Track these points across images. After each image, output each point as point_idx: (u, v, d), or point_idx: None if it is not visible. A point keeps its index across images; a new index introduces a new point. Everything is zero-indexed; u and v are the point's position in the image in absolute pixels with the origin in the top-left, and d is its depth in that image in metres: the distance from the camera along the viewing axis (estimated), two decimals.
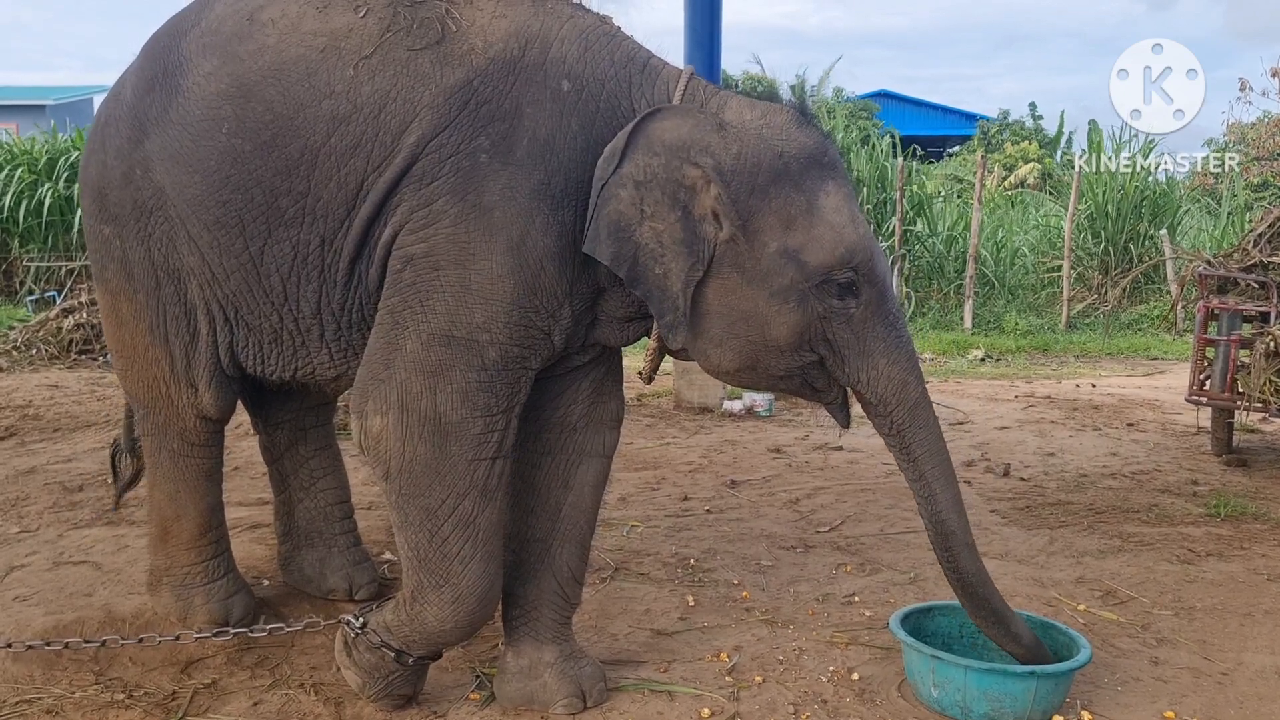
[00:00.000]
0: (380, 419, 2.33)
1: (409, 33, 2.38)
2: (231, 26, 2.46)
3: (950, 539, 2.44)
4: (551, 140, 2.33)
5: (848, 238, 2.35)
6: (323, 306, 2.47)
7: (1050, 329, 11.59)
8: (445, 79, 2.34)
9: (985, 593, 2.48)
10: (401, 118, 2.33)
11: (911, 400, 2.43)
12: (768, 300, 2.33)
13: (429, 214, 2.31)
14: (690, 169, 2.31)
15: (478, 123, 2.31)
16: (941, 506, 2.43)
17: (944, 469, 2.45)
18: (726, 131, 2.35)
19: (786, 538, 4.04)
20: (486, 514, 2.38)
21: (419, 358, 2.30)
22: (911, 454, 2.44)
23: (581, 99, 2.38)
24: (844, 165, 2.52)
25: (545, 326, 2.37)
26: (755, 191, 2.33)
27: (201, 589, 2.86)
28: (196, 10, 2.58)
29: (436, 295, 2.30)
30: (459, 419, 2.31)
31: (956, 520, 2.43)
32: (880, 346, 2.40)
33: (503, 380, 2.35)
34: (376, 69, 2.35)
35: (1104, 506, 4.52)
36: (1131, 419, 6.59)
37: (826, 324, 2.37)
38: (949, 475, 2.45)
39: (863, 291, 2.37)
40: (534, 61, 2.38)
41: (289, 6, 2.44)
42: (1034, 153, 24.05)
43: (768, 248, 2.32)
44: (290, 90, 2.36)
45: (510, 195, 2.29)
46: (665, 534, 4.05)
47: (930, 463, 2.44)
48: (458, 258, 2.29)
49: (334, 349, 2.52)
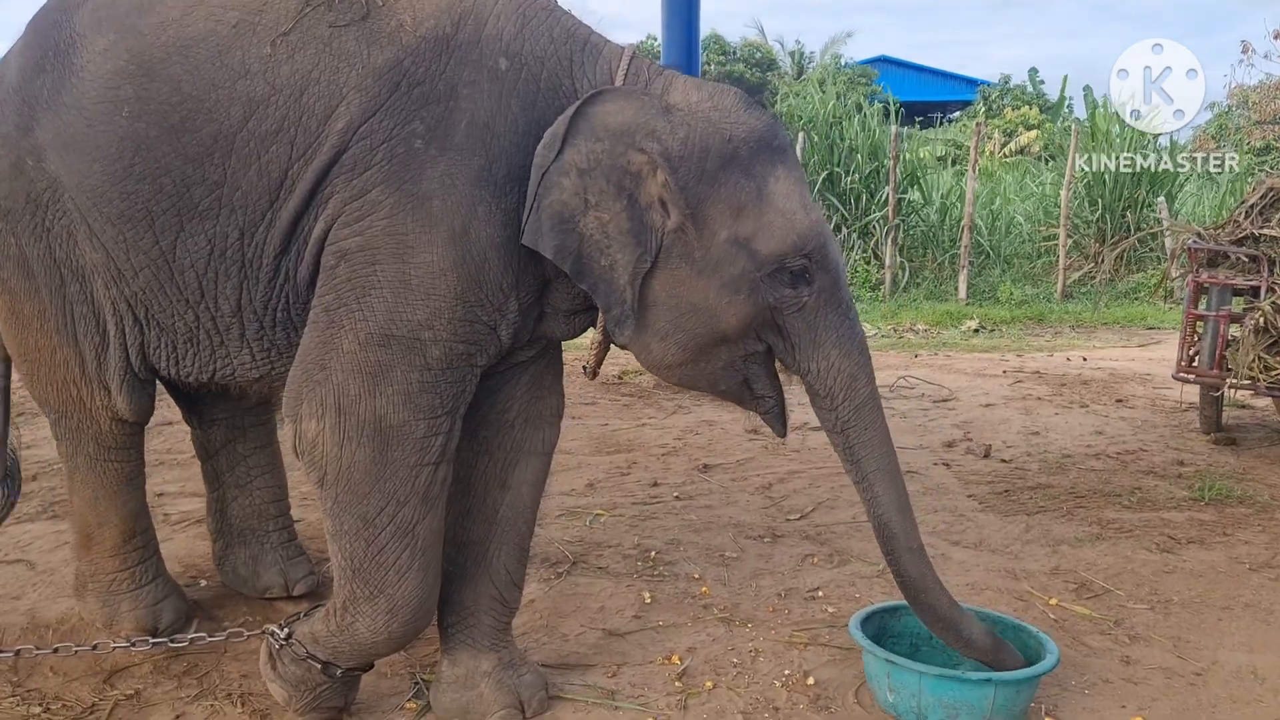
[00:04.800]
0: (316, 423, 2.20)
1: (330, 7, 2.22)
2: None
3: (892, 542, 2.32)
4: (491, 123, 2.19)
5: (799, 224, 2.21)
6: (244, 304, 2.32)
7: (1046, 299, 11.43)
8: (373, 58, 2.18)
9: (930, 598, 2.35)
10: (326, 101, 2.18)
11: (859, 397, 2.30)
12: (718, 291, 2.20)
13: (363, 205, 2.16)
14: (636, 155, 2.17)
15: (410, 106, 2.17)
16: (883, 508, 2.31)
17: (888, 469, 2.32)
18: (673, 115, 2.20)
19: (754, 526, 3.92)
20: (427, 521, 2.26)
21: (357, 358, 2.17)
22: (854, 453, 2.32)
23: (521, 78, 2.23)
24: (793, 148, 2.38)
25: (491, 321, 2.24)
26: (704, 178, 2.19)
27: (128, 595, 2.74)
28: None
29: (374, 292, 2.16)
30: (400, 422, 2.19)
31: (899, 523, 2.31)
32: (832, 337, 2.27)
33: (447, 380, 2.21)
34: (296, 47, 2.20)
35: (1085, 490, 4.39)
36: (1121, 395, 6.45)
37: (778, 313, 2.24)
38: (893, 475, 2.33)
39: (816, 279, 2.24)
40: (468, 39, 2.22)
41: None
42: (1034, 118, 23.78)
43: (717, 236, 2.19)
44: (199, 68, 2.20)
45: (449, 183, 2.15)
46: (630, 523, 3.93)
47: (873, 463, 2.31)
48: (396, 251, 2.15)
49: (256, 349, 2.38)
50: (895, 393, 6.42)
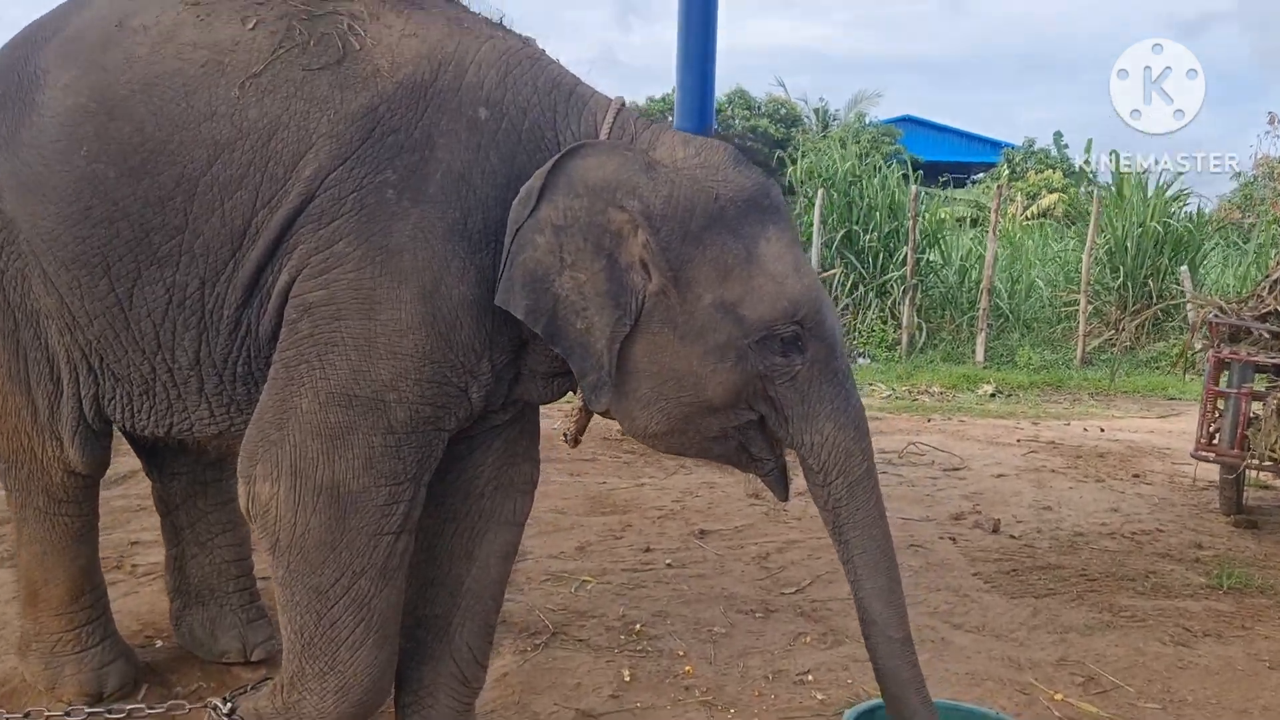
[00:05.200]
0: (270, 486, 2.07)
1: (305, 50, 2.12)
2: (96, 34, 2.19)
3: (870, 628, 2.15)
4: (468, 174, 2.07)
5: (791, 289, 2.08)
6: (203, 357, 2.20)
7: (1065, 365, 11.24)
8: (346, 104, 2.08)
9: (900, 692, 2.16)
10: (295, 147, 2.07)
11: (854, 475, 2.14)
12: (702, 358, 2.06)
13: (329, 257, 2.05)
14: (616, 213, 2.05)
15: (383, 154, 2.06)
16: (866, 594, 2.15)
17: (876, 555, 2.15)
18: (656, 171, 2.08)
19: (747, 599, 3.75)
20: (384, 595, 2.12)
21: (316, 419, 2.04)
22: (843, 533, 2.16)
23: (501, 129, 2.12)
24: (787, 208, 2.25)
25: (461, 383, 2.11)
26: (688, 238, 2.06)
27: (72, 658, 2.59)
28: (59, 17, 2.31)
29: (337, 349, 2.04)
30: (360, 488, 2.05)
31: (882, 611, 2.14)
32: (827, 409, 2.12)
33: (411, 445, 2.08)
34: (266, 89, 2.09)
35: (1097, 572, 4.19)
36: (1138, 469, 6.25)
37: (768, 382, 2.10)
38: (882, 560, 2.16)
39: (809, 347, 2.10)
40: (448, 86, 2.12)
41: (165, 14, 2.17)
42: (1058, 181, 23.70)
43: (702, 300, 2.06)
44: (164, 109, 2.10)
45: (421, 237, 2.03)
46: (617, 592, 3.76)
47: (861, 547, 2.15)
48: (361, 307, 2.03)
49: (215, 404, 2.25)
50: (904, 459, 6.24)
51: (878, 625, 2.14)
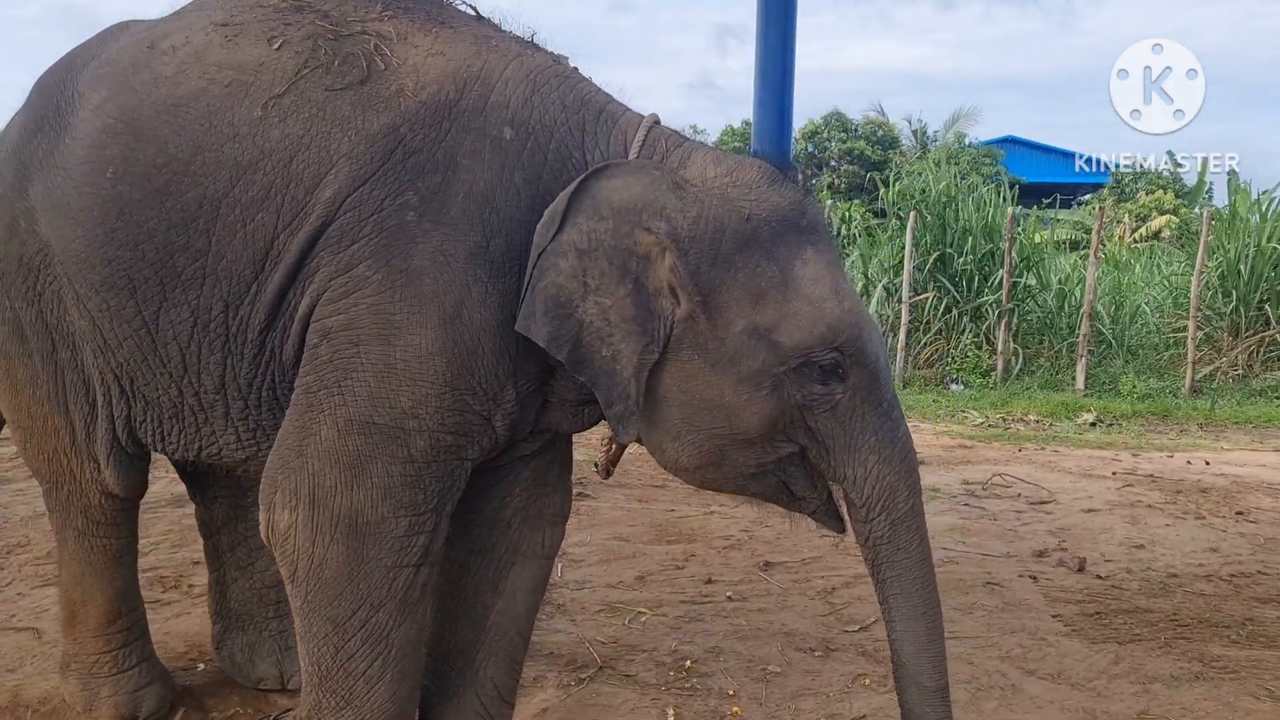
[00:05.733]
0: (289, 514, 2.03)
1: (329, 70, 2.09)
2: (130, 57, 2.20)
3: (901, 673, 2.03)
4: (491, 196, 2.02)
5: (829, 313, 1.97)
6: (228, 381, 2.18)
7: (1171, 393, 10.72)
8: (368, 124, 2.04)
9: None
10: (316, 168, 2.04)
11: (898, 512, 2.02)
12: (735, 387, 1.97)
13: (349, 281, 2.01)
14: (643, 235, 1.97)
15: (405, 175, 2.01)
16: (899, 637, 2.03)
17: (915, 599, 2.02)
18: (685, 191, 2.00)
19: (807, 636, 3.60)
20: (404, 629, 2.06)
21: (335, 446, 2.00)
22: (881, 574, 2.03)
23: (526, 149, 2.06)
24: (827, 228, 2.13)
25: (485, 411, 2.04)
26: (718, 261, 1.97)
27: (109, 680, 2.60)
28: (98, 42, 2.34)
29: (356, 375, 2.00)
30: (379, 518, 2.00)
31: (914, 656, 2.01)
32: (871, 441, 2.01)
33: (432, 474, 2.02)
34: (289, 110, 2.07)
35: (1189, 618, 3.92)
36: (1243, 506, 5.87)
37: (807, 413, 1.99)
38: (920, 607, 2.03)
39: (850, 375, 1.99)
40: (473, 106, 2.07)
41: (194, 34, 2.17)
42: (1169, 203, 22.84)
43: (733, 326, 1.96)
44: (187, 129, 2.09)
45: (443, 260, 1.98)
46: (671, 625, 3.66)
47: (899, 588, 2.02)
48: (381, 332, 1.99)
49: (241, 429, 2.23)
50: (988, 491, 5.99)
51: (909, 671, 2.02)
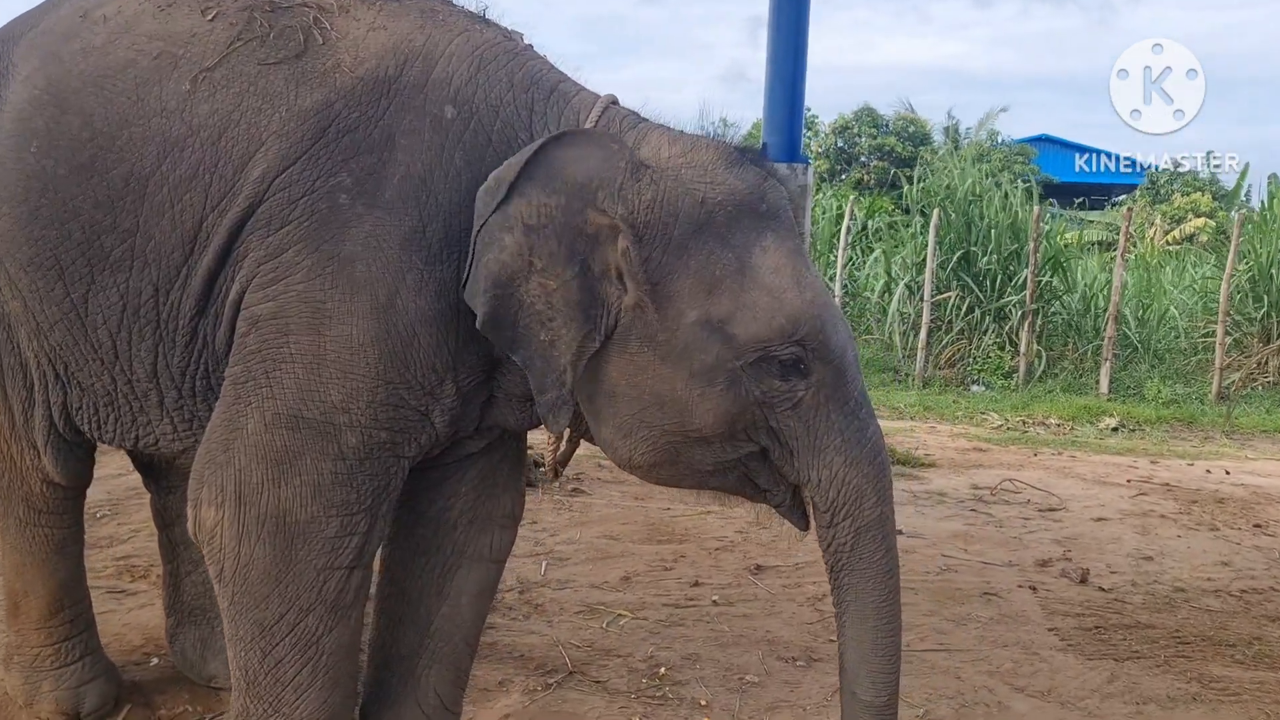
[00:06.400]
0: (215, 511, 1.94)
1: (264, 43, 1.99)
2: (64, 26, 2.11)
3: (843, 678, 1.93)
4: (428, 178, 1.92)
5: (789, 304, 1.86)
6: (160, 370, 2.09)
7: (1198, 399, 10.48)
8: (300, 100, 1.94)
9: None
10: (245, 145, 1.94)
11: (863, 520, 1.90)
12: (687, 382, 1.86)
13: (277, 266, 1.91)
14: (596, 215, 1.86)
15: (338, 155, 1.91)
16: (844, 643, 1.92)
17: (868, 611, 1.90)
18: (641, 172, 1.89)
19: (790, 645, 3.48)
20: (335, 634, 1.96)
21: (261, 441, 1.91)
22: (839, 580, 1.92)
23: (469, 129, 1.96)
24: (790, 214, 2.01)
25: (422, 406, 1.95)
26: (670, 247, 1.86)
27: (51, 674, 2.53)
28: (40, 12, 2.24)
29: (284, 366, 1.90)
30: (308, 518, 1.91)
31: (854, 665, 1.91)
32: (836, 441, 1.89)
33: (365, 472, 1.93)
34: (219, 84, 1.97)
35: (1192, 634, 3.76)
36: (1260, 518, 5.68)
37: (768, 411, 1.88)
38: (878, 620, 1.91)
39: (813, 370, 1.88)
40: (413, 82, 1.97)
41: (127, 4, 2.07)
42: (1206, 205, 22.41)
43: (685, 317, 1.85)
44: (114, 102, 1.99)
45: (376, 245, 1.88)
46: (651, 629, 3.55)
47: (854, 597, 1.90)
48: (311, 321, 1.89)
49: (177, 420, 2.14)
50: (997, 497, 5.83)
51: (848, 679, 1.92)
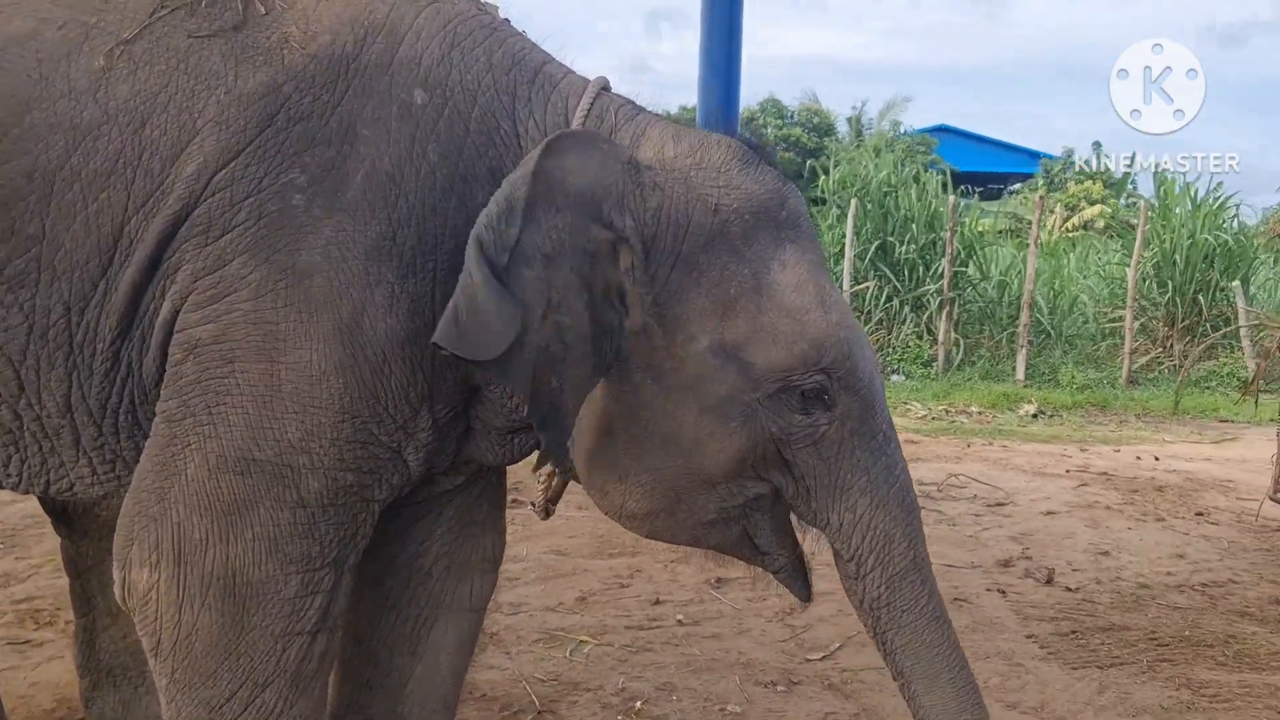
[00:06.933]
0: (149, 573, 1.63)
1: (193, 11, 1.67)
2: None
3: None
4: (398, 176, 1.63)
5: (813, 327, 1.63)
6: (75, 403, 1.74)
7: (1109, 384, 10.68)
8: (242, 82, 1.63)
9: None
10: (175, 135, 1.62)
11: (896, 565, 1.68)
12: (697, 418, 1.62)
13: (219, 281, 1.60)
14: (599, 230, 1.59)
15: (289, 148, 1.61)
16: (924, 713, 1.68)
17: (935, 668, 1.68)
18: (643, 176, 1.63)
19: (767, 667, 3.27)
20: (296, 710, 1.67)
21: (205, 489, 1.60)
22: (888, 641, 1.69)
23: (443, 117, 1.67)
24: (810, 222, 1.78)
25: (394, 443, 1.66)
26: (679, 263, 1.62)
27: None
28: None
29: (231, 400, 1.59)
30: (263, 577, 1.61)
31: None
32: (861, 480, 1.67)
33: (329, 520, 1.63)
34: (140, 61, 1.65)
35: (1169, 636, 3.66)
36: (1200, 505, 5.69)
37: (784, 446, 1.65)
38: (945, 675, 1.69)
39: (838, 402, 1.65)
40: (375, 62, 1.67)
41: None
42: (1098, 193, 23.08)
43: (695, 343, 1.61)
44: (12, 83, 1.64)
45: (338, 255, 1.59)
46: (619, 656, 3.30)
47: (913, 657, 1.68)
48: (261, 346, 1.59)
49: (96, 461, 1.80)
50: (944, 493, 5.73)
51: None
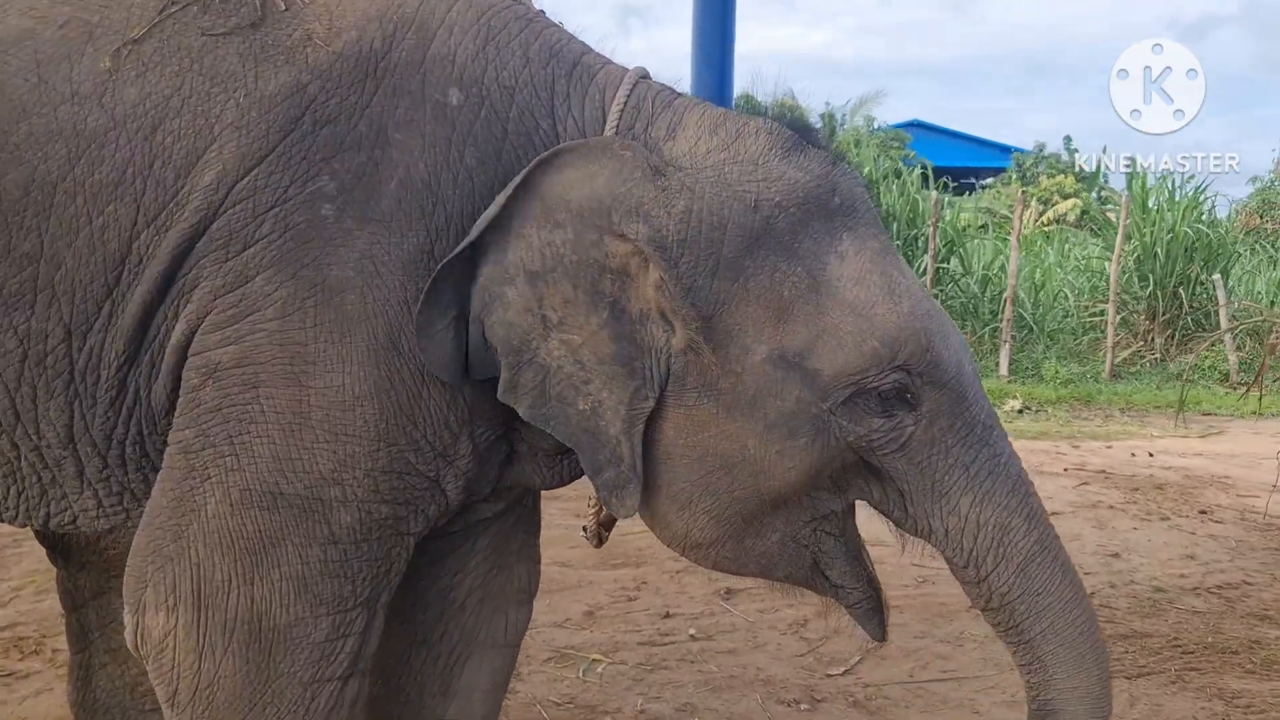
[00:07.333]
0: (164, 618, 1.51)
1: (207, 7, 1.55)
2: None
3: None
4: (434, 183, 1.51)
5: (883, 321, 1.50)
6: (77, 434, 1.60)
7: (1093, 378, 10.68)
8: (263, 83, 1.51)
9: None
10: (190, 142, 1.50)
11: (1020, 553, 1.53)
12: (762, 437, 1.49)
13: (242, 299, 1.48)
14: (616, 243, 1.49)
15: (316, 154, 1.49)
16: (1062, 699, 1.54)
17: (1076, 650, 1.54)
18: (668, 177, 1.51)
19: (789, 684, 3.16)
20: None
21: (227, 526, 1.48)
22: (1023, 633, 1.55)
23: (480, 118, 1.55)
24: (870, 205, 1.64)
25: (431, 471, 1.54)
26: (721, 269, 1.49)
27: None
28: None
29: (255, 428, 1.47)
30: (291, 620, 1.49)
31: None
32: (961, 479, 1.53)
33: (362, 557, 1.51)
34: (150, 62, 1.52)
35: (1192, 642, 3.58)
36: (1203, 503, 5.64)
37: (868, 455, 1.52)
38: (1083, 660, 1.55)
39: (924, 399, 1.52)
40: (407, 59, 1.55)
41: None
42: (1070, 187, 23.24)
43: (751, 355, 1.49)
44: (8, 87, 1.52)
45: (372, 269, 1.47)
46: (633, 675, 3.18)
47: (1055, 641, 1.54)
48: (289, 369, 1.47)
49: (103, 493, 1.66)
50: None
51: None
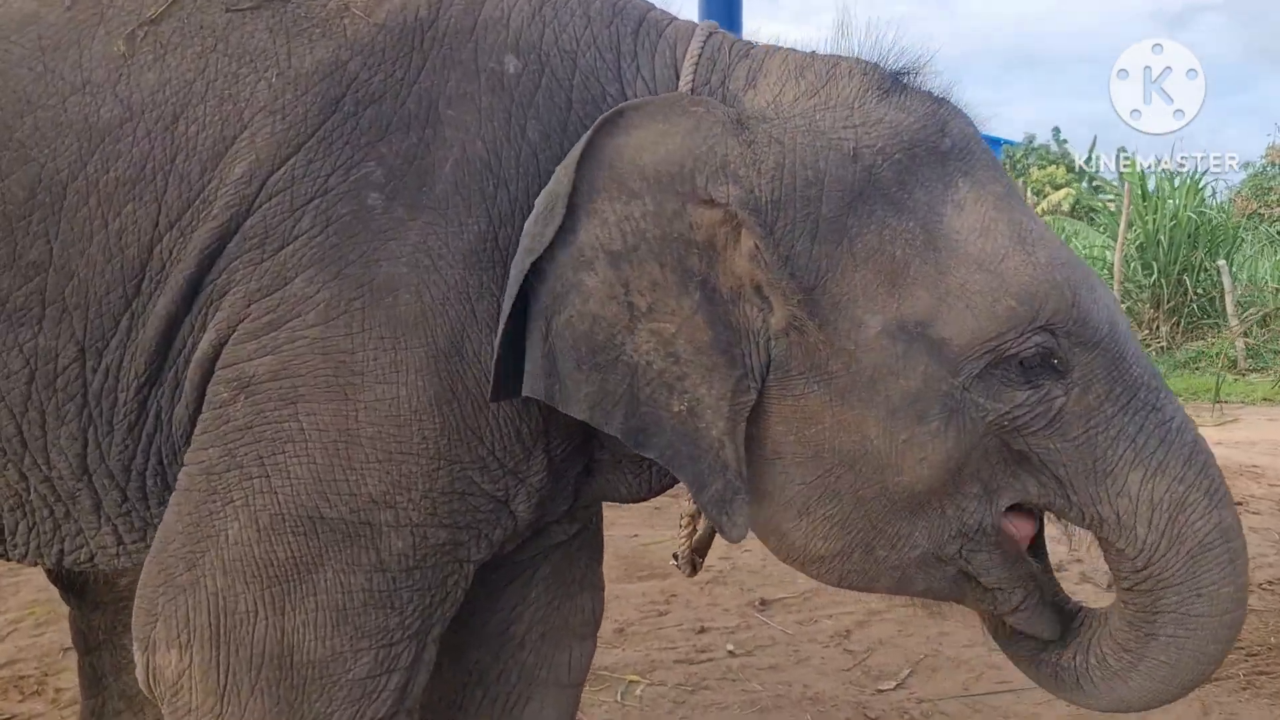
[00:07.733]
0: (179, 655, 1.33)
1: None
2: None
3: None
4: (494, 161, 1.34)
5: (1016, 276, 1.32)
6: (92, 464, 1.43)
7: None
8: (297, 60, 1.35)
9: None
10: (216, 131, 1.33)
11: (1194, 539, 1.35)
12: (886, 424, 1.31)
13: (279, 304, 1.31)
14: (701, 211, 1.31)
15: (359, 137, 1.33)
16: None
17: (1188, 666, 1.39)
18: (752, 130, 1.33)
19: (839, 702, 2.99)
20: None
21: (252, 554, 1.31)
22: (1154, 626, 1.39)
23: (541, 87, 1.39)
24: (986, 145, 1.46)
25: (499, 491, 1.37)
26: (821, 232, 1.31)
27: None
28: None
29: (293, 448, 1.30)
30: (328, 655, 1.31)
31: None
32: (1126, 452, 1.34)
33: (413, 586, 1.34)
34: (169, 43, 1.35)
35: (1254, 643, 3.44)
36: (1237, 495, 5.49)
37: (1013, 436, 1.33)
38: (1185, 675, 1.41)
39: (1073, 363, 1.34)
40: (455, 26, 1.39)
41: None
42: (1062, 177, 23.25)
43: (865, 330, 1.31)
44: (10, 76, 1.35)
45: (429, 264, 1.30)
46: (674, 698, 3.01)
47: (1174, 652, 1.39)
48: (333, 381, 1.29)
49: (122, 528, 1.48)
50: None
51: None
